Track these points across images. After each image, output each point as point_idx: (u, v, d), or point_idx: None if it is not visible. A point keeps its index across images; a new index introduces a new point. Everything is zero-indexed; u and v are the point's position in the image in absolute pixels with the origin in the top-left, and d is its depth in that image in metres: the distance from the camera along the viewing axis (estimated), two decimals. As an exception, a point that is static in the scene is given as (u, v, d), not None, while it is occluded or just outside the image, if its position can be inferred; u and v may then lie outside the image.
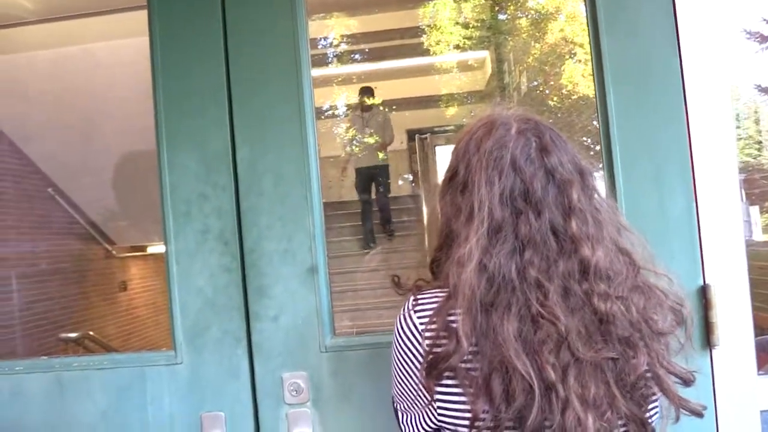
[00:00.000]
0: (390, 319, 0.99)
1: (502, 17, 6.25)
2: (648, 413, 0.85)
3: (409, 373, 0.92)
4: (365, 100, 6.28)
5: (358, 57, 7.00)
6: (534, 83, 6.17)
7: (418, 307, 0.90)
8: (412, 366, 0.90)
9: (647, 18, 1.35)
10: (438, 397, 0.87)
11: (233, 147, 1.42)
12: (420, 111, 7.58)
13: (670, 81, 1.34)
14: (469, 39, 6.30)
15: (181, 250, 1.41)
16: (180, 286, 1.41)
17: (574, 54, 5.69)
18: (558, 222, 0.86)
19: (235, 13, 1.43)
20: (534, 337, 0.81)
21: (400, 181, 7.47)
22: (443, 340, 0.85)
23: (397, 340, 0.93)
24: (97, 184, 4.64)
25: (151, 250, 5.73)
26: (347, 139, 6.40)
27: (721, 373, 1.31)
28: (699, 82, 1.34)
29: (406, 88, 7.20)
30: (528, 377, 0.78)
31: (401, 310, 0.93)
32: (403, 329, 0.91)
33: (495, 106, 0.98)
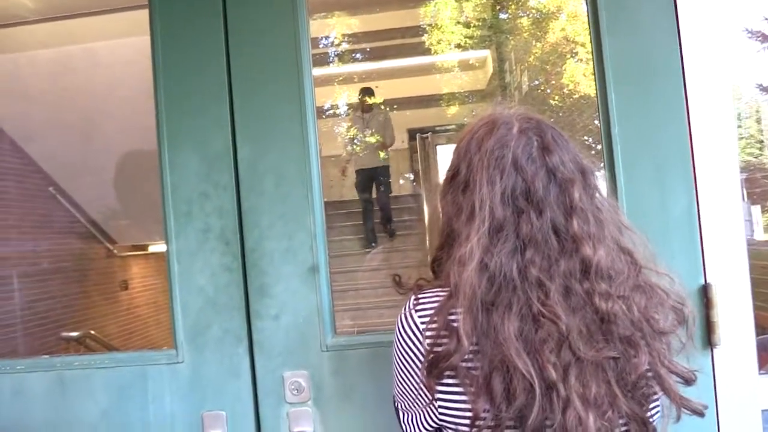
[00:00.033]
0: (391, 319, 0.99)
1: (503, 16, 6.25)
2: (649, 412, 0.85)
3: (410, 372, 0.92)
4: (366, 100, 6.27)
5: (359, 56, 6.99)
6: (535, 82, 6.16)
7: (419, 306, 0.91)
8: (413, 365, 0.90)
9: (648, 17, 1.35)
10: (439, 396, 0.87)
11: (234, 146, 1.42)
12: (421, 110, 7.57)
13: (672, 80, 1.34)
14: (470, 38, 6.29)
15: (182, 250, 1.41)
16: (181, 286, 1.41)
17: (576, 53, 5.68)
18: (559, 221, 0.86)
19: (236, 13, 1.43)
20: (535, 336, 0.81)
21: (402, 181, 7.47)
22: (444, 339, 0.85)
23: (398, 339, 0.93)
24: (98, 183, 4.64)
25: (152, 249, 5.74)
26: (348, 138, 6.39)
27: (723, 373, 1.31)
28: (700, 81, 1.33)
29: (407, 88, 7.20)
30: (529, 376, 0.78)
31: (402, 309, 0.93)
32: (404, 328, 0.91)
33: (496, 106, 0.98)
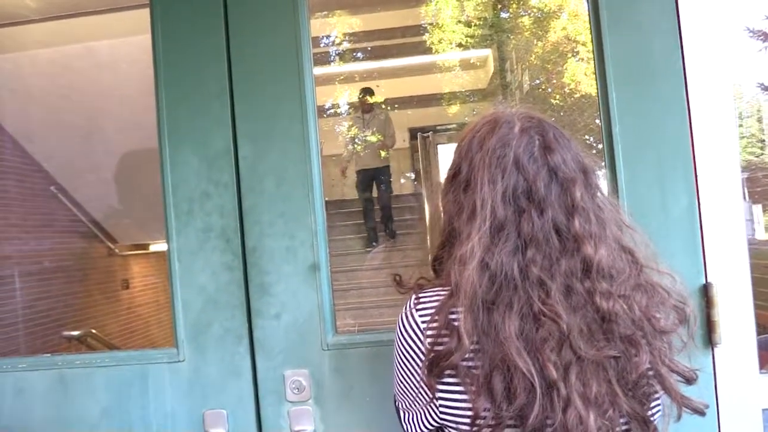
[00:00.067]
0: (391, 318, 0.99)
1: (504, 15, 6.24)
2: (650, 411, 0.85)
3: (411, 371, 0.92)
4: (367, 99, 6.26)
5: (360, 55, 7.00)
6: (536, 81, 6.16)
7: (419, 305, 0.91)
8: (414, 364, 0.90)
9: (649, 16, 1.35)
10: (439, 395, 0.87)
11: (235, 145, 1.42)
12: (422, 109, 7.57)
13: (673, 79, 1.34)
14: (471, 37, 6.29)
15: (183, 248, 1.41)
16: (182, 284, 1.41)
17: (577, 52, 5.68)
18: (561, 220, 0.85)
19: (238, 12, 1.43)
20: (536, 335, 0.81)
21: (402, 180, 7.47)
22: (445, 338, 0.85)
23: (398, 338, 0.93)
24: (99, 182, 4.65)
25: (153, 248, 5.74)
26: (349, 138, 6.38)
27: (723, 372, 1.31)
28: (701, 80, 1.33)
29: (408, 87, 7.20)
30: (529, 375, 0.78)
31: (403, 308, 0.93)
32: (404, 327, 0.91)
33: (498, 105, 0.98)
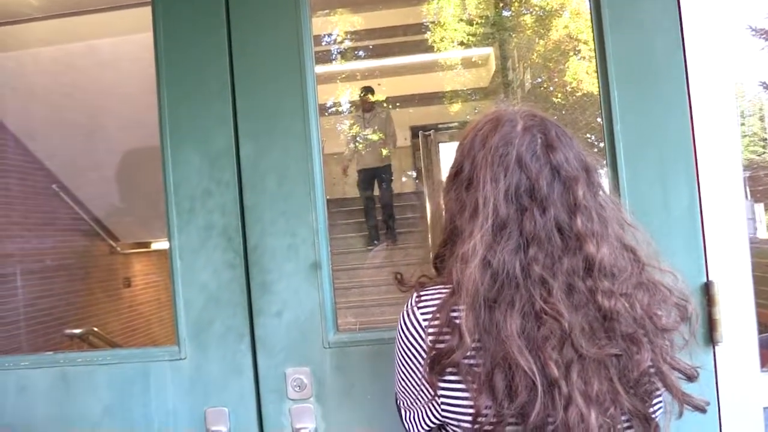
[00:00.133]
0: (393, 316, 0.99)
1: (506, 14, 6.24)
2: (652, 408, 0.85)
3: (413, 369, 0.92)
4: (368, 98, 6.26)
5: (361, 53, 6.99)
6: (538, 80, 6.15)
7: (421, 303, 0.91)
8: (416, 362, 0.90)
9: (651, 14, 1.35)
10: (441, 393, 0.87)
11: (237, 143, 1.42)
12: (424, 108, 7.57)
13: (675, 78, 1.34)
14: (473, 36, 6.28)
15: (184, 246, 1.42)
16: (184, 282, 1.41)
17: (579, 51, 5.67)
18: (563, 219, 0.86)
19: (239, 10, 1.43)
20: (537, 333, 0.81)
21: (404, 178, 7.46)
22: (446, 336, 0.85)
23: (400, 336, 0.93)
24: (101, 181, 4.65)
25: (154, 246, 5.74)
26: (351, 136, 6.38)
27: (725, 370, 1.31)
28: (703, 79, 1.33)
29: (409, 85, 7.20)
30: (531, 373, 0.78)
31: (404, 306, 0.93)
32: (406, 325, 0.91)
33: (500, 103, 0.98)
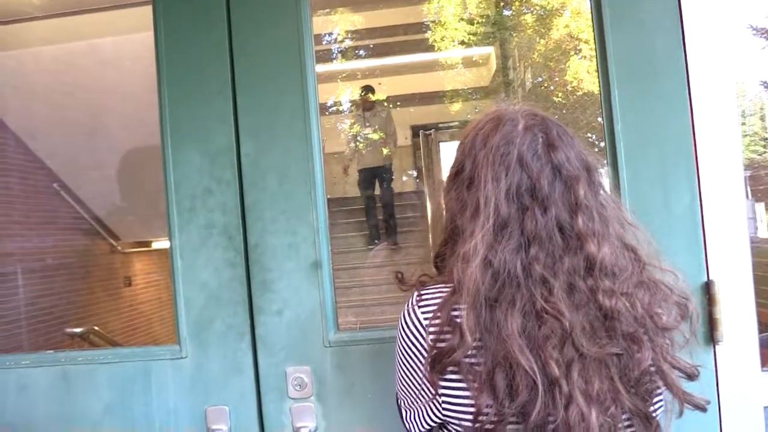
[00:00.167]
0: (393, 315, 0.99)
1: (507, 13, 6.23)
2: (652, 407, 0.85)
3: (413, 368, 0.92)
4: (369, 97, 6.25)
5: (362, 53, 6.99)
6: (539, 79, 6.15)
7: (422, 302, 0.91)
8: (416, 361, 0.91)
9: (652, 14, 1.35)
10: (442, 392, 0.87)
11: (237, 142, 1.42)
12: (424, 107, 7.56)
13: (675, 77, 1.34)
14: (473, 35, 6.28)
15: (185, 245, 1.42)
16: (184, 281, 1.41)
17: (579, 50, 5.66)
18: (564, 218, 0.86)
19: (240, 9, 1.43)
20: (538, 332, 0.81)
21: (405, 178, 7.46)
22: (447, 335, 0.85)
23: (401, 335, 0.93)
24: (102, 180, 4.65)
25: (155, 245, 5.74)
26: (351, 135, 6.38)
27: (725, 369, 1.31)
28: (704, 78, 1.33)
29: (410, 84, 7.19)
30: (531, 372, 0.79)
31: (405, 305, 0.93)
32: (407, 324, 0.91)
33: (501, 102, 0.98)
